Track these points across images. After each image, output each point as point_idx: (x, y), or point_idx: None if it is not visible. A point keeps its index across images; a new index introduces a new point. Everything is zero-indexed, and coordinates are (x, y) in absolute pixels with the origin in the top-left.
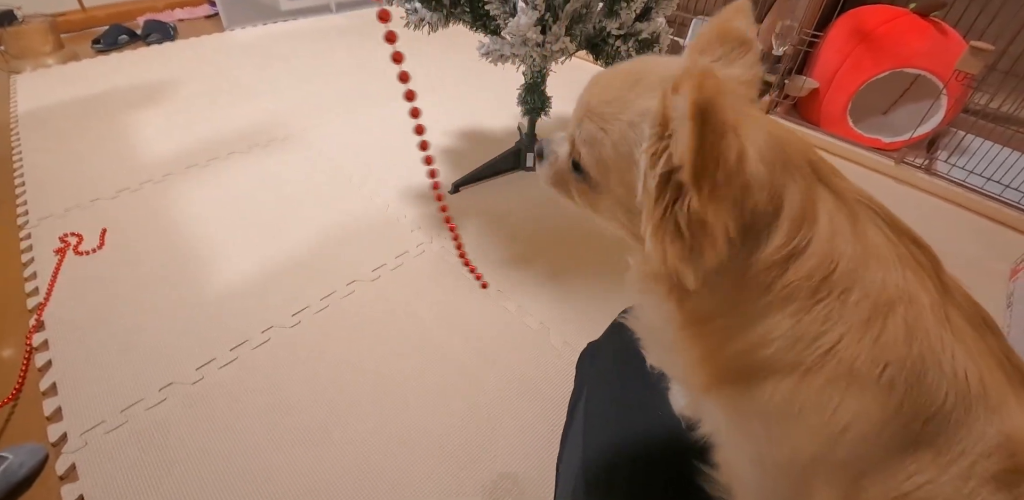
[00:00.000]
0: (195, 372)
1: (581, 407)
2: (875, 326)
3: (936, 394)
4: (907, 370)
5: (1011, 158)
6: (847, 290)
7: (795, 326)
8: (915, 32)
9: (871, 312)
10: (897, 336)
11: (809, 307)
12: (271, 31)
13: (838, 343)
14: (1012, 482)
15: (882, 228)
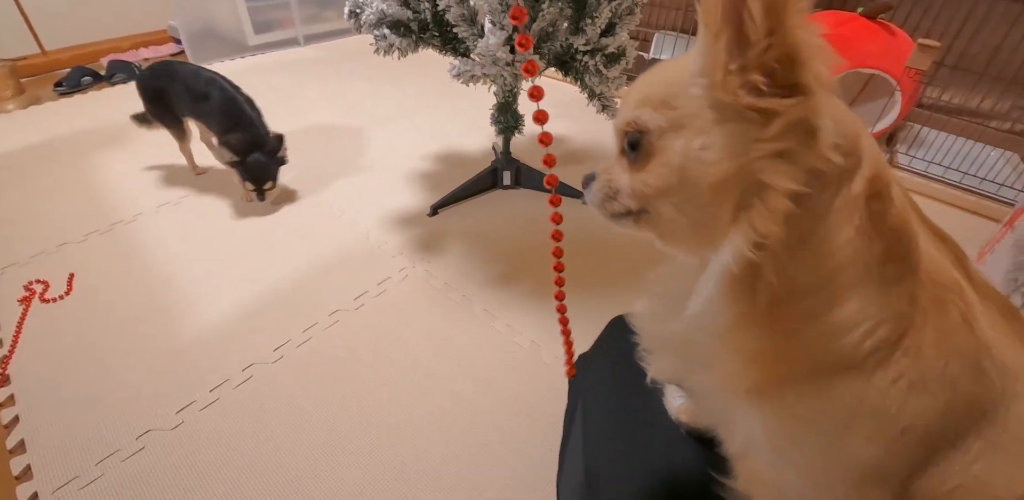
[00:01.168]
0: (174, 416)
1: (578, 421)
2: (942, 313)
3: (991, 387)
4: (967, 364)
5: (965, 147)
6: (919, 261)
7: (886, 302)
8: (866, 34)
9: (936, 295)
10: (957, 326)
11: (900, 277)
12: (239, 66)
13: (911, 327)
14: None
15: (919, 219)
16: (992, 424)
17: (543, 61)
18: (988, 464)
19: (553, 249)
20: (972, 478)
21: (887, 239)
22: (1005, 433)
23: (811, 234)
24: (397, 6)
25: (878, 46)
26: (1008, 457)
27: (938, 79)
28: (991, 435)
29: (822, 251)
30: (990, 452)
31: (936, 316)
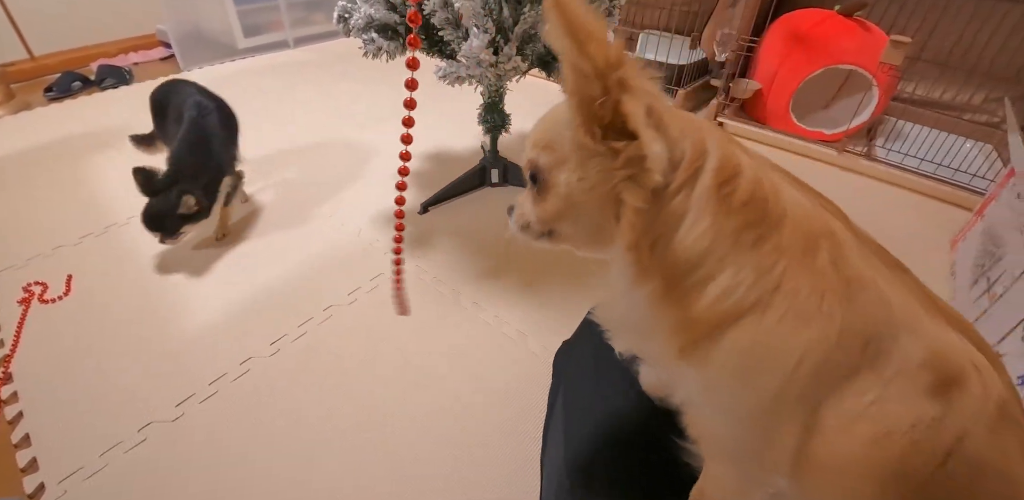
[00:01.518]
0: (175, 409)
1: (560, 401)
2: (809, 257)
3: (867, 319)
4: (840, 297)
5: (939, 139)
6: (782, 218)
7: (754, 262)
8: (842, 31)
9: (804, 243)
10: (827, 267)
11: (763, 238)
12: (229, 70)
13: (784, 275)
14: (942, 391)
15: (791, 183)
16: (881, 358)
17: (526, 62)
18: (878, 394)
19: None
20: (866, 407)
21: (742, 213)
22: (889, 366)
23: (676, 229)
24: (384, 10)
25: (855, 43)
26: (894, 388)
27: (914, 73)
28: (880, 368)
29: (688, 240)
30: (880, 383)
31: (807, 260)
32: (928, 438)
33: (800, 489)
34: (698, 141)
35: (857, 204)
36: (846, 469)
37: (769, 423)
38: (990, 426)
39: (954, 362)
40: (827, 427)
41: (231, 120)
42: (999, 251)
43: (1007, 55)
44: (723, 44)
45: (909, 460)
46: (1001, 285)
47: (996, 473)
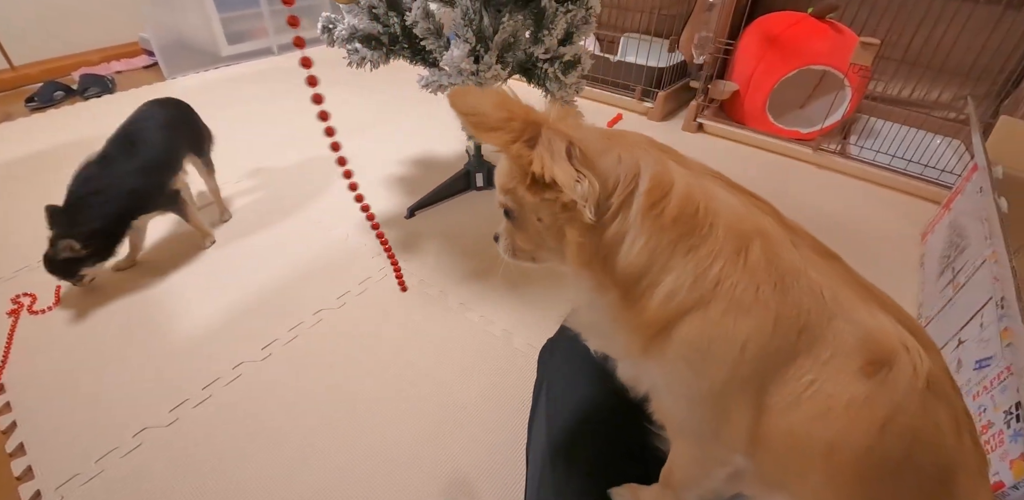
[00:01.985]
0: (168, 414)
1: (543, 394)
2: (742, 255)
3: (800, 307)
4: (773, 289)
5: (909, 135)
6: (714, 225)
7: (692, 266)
8: (815, 33)
9: (737, 243)
10: (759, 262)
11: (696, 246)
12: (214, 77)
13: (721, 273)
14: (873, 372)
15: (725, 187)
16: (817, 343)
17: (506, 69)
18: (816, 376)
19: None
20: (806, 388)
21: (675, 228)
22: (825, 349)
23: (619, 247)
24: (368, 21)
25: (827, 44)
26: (830, 369)
27: (884, 72)
28: (817, 351)
29: (630, 256)
30: (817, 366)
31: (741, 258)
32: (864, 414)
33: (755, 465)
34: (632, 165)
35: (832, 200)
36: (793, 445)
37: (722, 405)
38: (921, 401)
39: (885, 343)
40: (773, 407)
41: (175, 143)
42: (963, 243)
43: (972, 54)
44: (701, 47)
45: (848, 435)
46: (964, 275)
47: (928, 445)
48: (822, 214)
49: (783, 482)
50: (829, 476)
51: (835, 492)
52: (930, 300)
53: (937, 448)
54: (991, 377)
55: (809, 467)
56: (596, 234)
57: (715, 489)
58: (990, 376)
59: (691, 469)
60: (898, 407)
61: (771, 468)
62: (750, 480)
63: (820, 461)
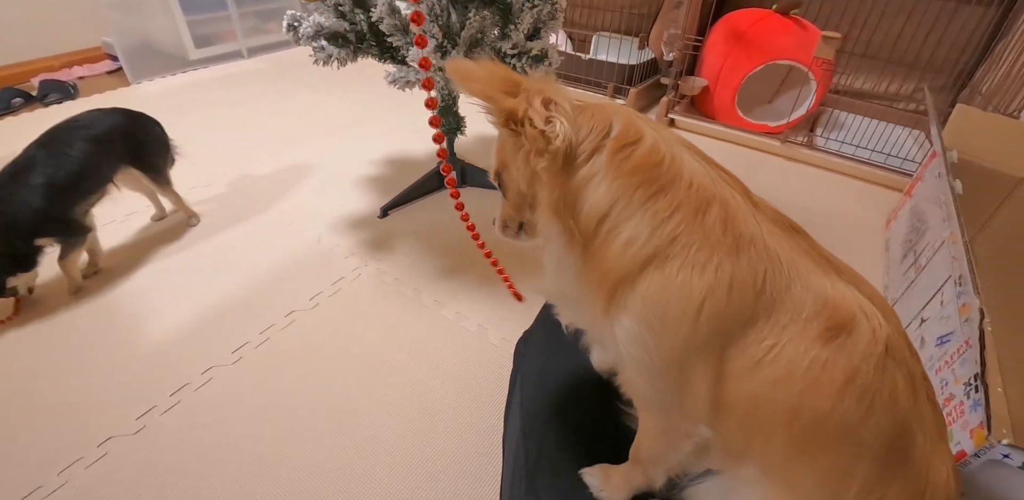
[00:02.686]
0: (135, 422)
1: (518, 384)
2: (701, 215)
3: (757, 271)
4: (729, 252)
5: (872, 126)
6: (676, 180)
7: (651, 215)
8: (779, 29)
9: (697, 203)
10: (716, 225)
11: (657, 194)
12: (181, 81)
13: (679, 229)
14: (832, 337)
15: (695, 156)
16: (776, 307)
17: None
18: (776, 340)
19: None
20: (766, 352)
21: (639, 173)
22: (784, 314)
23: (584, 192)
24: (334, 18)
25: (791, 40)
26: (790, 334)
27: (847, 66)
28: (776, 316)
29: (594, 198)
30: (777, 330)
31: (699, 218)
32: (824, 377)
33: (719, 434)
34: (603, 119)
35: (801, 190)
36: (755, 410)
37: (683, 372)
38: (878, 365)
39: (844, 309)
40: (734, 372)
41: (88, 163)
42: (923, 226)
43: (929, 48)
44: (670, 44)
45: (809, 398)
46: (925, 257)
47: (886, 406)
48: (791, 204)
49: (747, 450)
50: (791, 440)
51: (798, 456)
52: (895, 282)
53: (894, 409)
54: (951, 351)
55: (772, 431)
56: (566, 177)
57: (682, 462)
58: (950, 351)
59: (658, 442)
60: (857, 370)
61: (735, 436)
62: (715, 452)
63: (782, 425)
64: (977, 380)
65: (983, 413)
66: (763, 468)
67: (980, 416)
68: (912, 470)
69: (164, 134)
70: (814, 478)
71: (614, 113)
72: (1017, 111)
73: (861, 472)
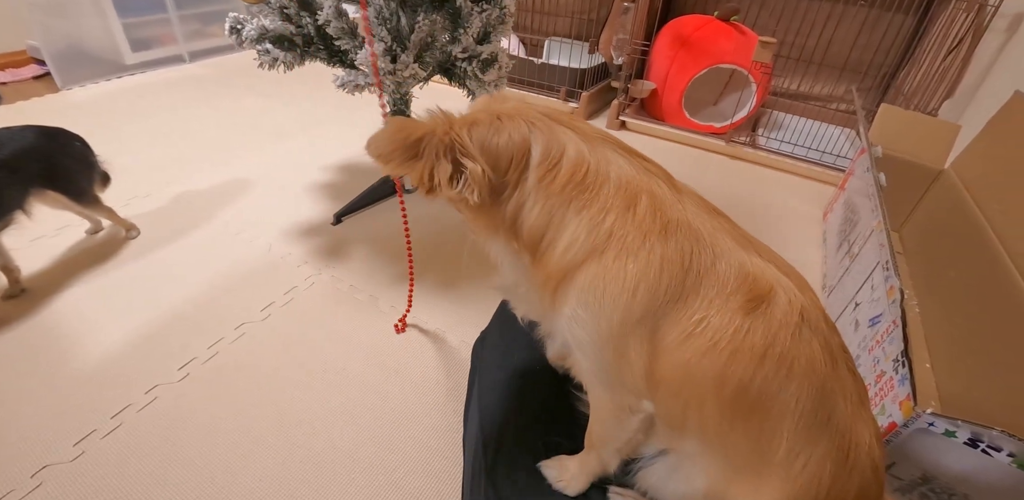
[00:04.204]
0: (73, 448)
1: (476, 382)
2: (631, 210)
3: (684, 251)
4: (658, 236)
5: (808, 126)
6: (604, 184)
7: (586, 220)
8: (721, 35)
9: (626, 200)
10: (646, 215)
11: (588, 203)
12: (117, 87)
13: (613, 225)
14: (752, 308)
15: (618, 151)
16: (703, 283)
17: (424, 69)
18: (704, 313)
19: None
20: (695, 324)
21: (566, 190)
22: (710, 289)
23: (519, 215)
24: (279, 21)
25: (732, 44)
26: (715, 306)
27: (785, 70)
28: (703, 291)
29: (530, 220)
30: (704, 304)
31: (630, 212)
32: (746, 344)
33: (659, 407)
34: (522, 142)
35: (744, 186)
36: (687, 379)
37: (618, 347)
38: (794, 332)
39: (762, 282)
40: (667, 346)
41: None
42: (855, 217)
43: (857, 52)
44: (619, 48)
45: (734, 365)
46: (857, 245)
47: (803, 371)
48: (735, 199)
49: (684, 421)
50: (722, 406)
51: (729, 422)
52: (832, 271)
53: (812, 375)
54: (881, 331)
55: (704, 399)
56: (499, 207)
57: (631, 441)
58: (881, 330)
59: (606, 421)
60: (775, 337)
61: (672, 407)
62: (660, 428)
63: (712, 392)
64: (903, 356)
65: (910, 386)
66: (701, 438)
67: (907, 389)
68: (836, 432)
69: (87, 151)
70: (746, 442)
71: (531, 126)
72: (935, 109)
73: (787, 434)
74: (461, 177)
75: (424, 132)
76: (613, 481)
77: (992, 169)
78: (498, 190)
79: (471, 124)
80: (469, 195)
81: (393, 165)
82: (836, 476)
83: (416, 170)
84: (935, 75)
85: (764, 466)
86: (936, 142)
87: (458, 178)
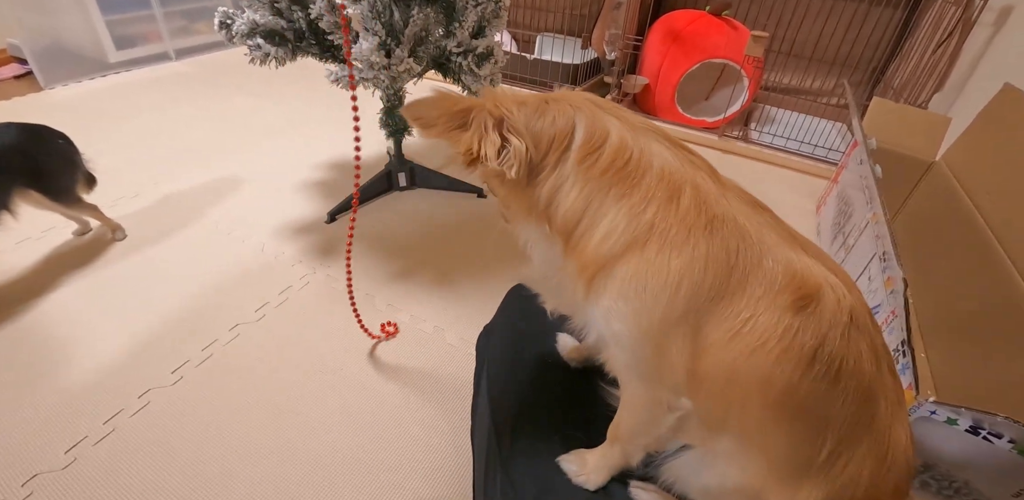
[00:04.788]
0: (64, 456)
1: (484, 378)
2: (675, 202)
3: (729, 248)
4: (703, 231)
5: (800, 120)
6: (646, 172)
7: (626, 209)
8: (713, 29)
9: (669, 191)
10: (690, 208)
11: (629, 191)
12: (101, 86)
13: (655, 217)
14: (802, 307)
15: (663, 142)
16: (750, 281)
17: (419, 63)
18: (752, 312)
19: None
20: (743, 323)
21: (607, 175)
22: (758, 287)
23: (556, 199)
24: (270, 16)
25: (724, 39)
26: (763, 305)
27: (776, 65)
28: (750, 289)
29: (567, 203)
30: (752, 303)
31: (673, 204)
32: (795, 345)
33: (699, 406)
34: (566, 124)
35: (737, 181)
36: (732, 379)
37: (662, 343)
38: (843, 332)
39: (811, 281)
40: (711, 344)
41: None
42: (849, 210)
43: (847, 46)
44: (611, 43)
45: (782, 365)
46: (852, 238)
47: (852, 373)
48: None
49: (725, 420)
50: (766, 407)
51: (773, 423)
52: None
53: (859, 376)
54: (880, 322)
55: (748, 400)
56: (535, 188)
57: (661, 437)
58: (879, 321)
59: (640, 416)
60: (825, 338)
61: (714, 406)
62: (694, 425)
63: (758, 393)
64: (904, 346)
65: (911, 375)
66: (739, 437)
67: (909, 378)
68: (876, 433)
69: (71, 149)
70: (787, 444)
71: (576, 110)
72: (925, 102)
73: (831, 436)
74: (504, 152)
75: (472, 104)
76: (634, 474)
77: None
78: (536, 171)
79: (519, 104)
80: (508, 170)
81: (436, 131)
82: (875, 476)
83: (463, 140)
84: (925, 68)
85: (805, 468)
86: (927, 134)
87: (503, 153)
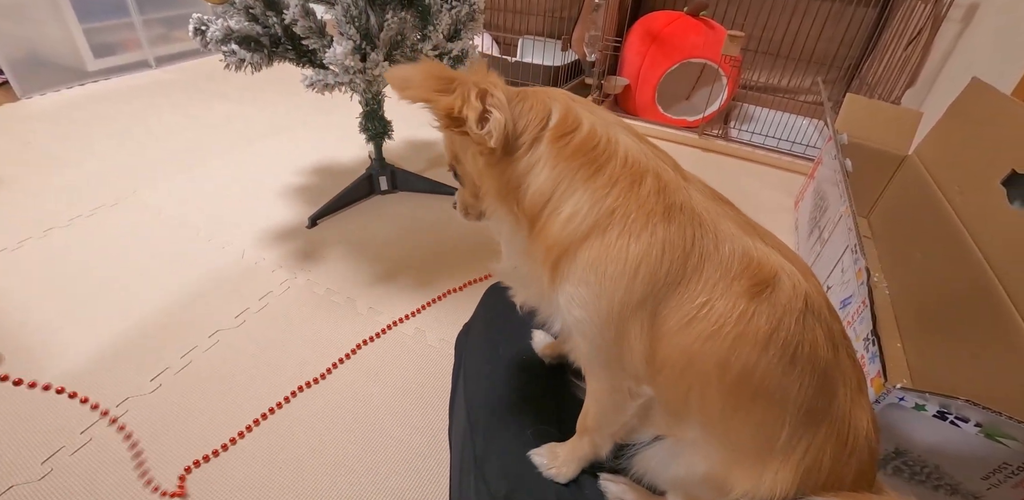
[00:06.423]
0: (41, 467)
1: (461, 375)
2: (636, 187)
3: (686, 234)
4: (661, 218)
5: (778, 118)
6: (613, 157)
7: (590, 192)
8: (691, 30)
9: (632, 177)
10: (650, 194)
11: (594, 175)
12: (80, 94)
13: (616, 202)
14: (757, 292)
15: (629, 135)
16: (706, 267)
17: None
18: (708, 297)
19: None
20: (699, 308)
21: (577, 157)
22: (714, 273)
23: (527, 179)
24: (245, 21)
25: (702, 39)
26: (719, 290)
27: (754, 64)
28: (706, 275)
29: (536, 183)
30: (708, 288)
31: (634, 190)
32: (750, 329)
33: (660, 392)
34: (542, 108)
35: (717, 178)
36: (690, 364)
37: (619, 329)
38: (799, 318)
39: (767, 267)
40: (668, 330)
41: None
42: (824, 204)
43: (822, 44)
44: (591, 45)
45: (738, 349)
46: (827, 231)
47: (807, 358)
48: None
49: (686, 406)
50: (725, 391)
51: (732, 408)
52: (804, 257)
53: (815, 361)
54: (852, 312)
55: (707, 385)
56: (508, 166)
57: (627, 425)
58: (851, 312)
59: (605, 404)
60: (780, 322)
61: (674, 392)
62: (658, 413)
63: (716, 378)
64: (873, 335)
65: (880, 364)
66: (702, 425)
67: (878, 367)
68: (837, 418)
69: None
70: (749, 428)
71: (552, 100)
72: (898, 97)
73: (789, 420)
74: (486, 122)
75: (457, 74)
76: (604, 467)
77: (952, 152)
78: (512, 149)
79: (501, 86)
80: (488, 138)
81: (416, 91)
82: (836, 461)
83: (444, 102)
84: (897, 65)
85: (766, 452)
86: (900, 129)
87: (483, 124)
